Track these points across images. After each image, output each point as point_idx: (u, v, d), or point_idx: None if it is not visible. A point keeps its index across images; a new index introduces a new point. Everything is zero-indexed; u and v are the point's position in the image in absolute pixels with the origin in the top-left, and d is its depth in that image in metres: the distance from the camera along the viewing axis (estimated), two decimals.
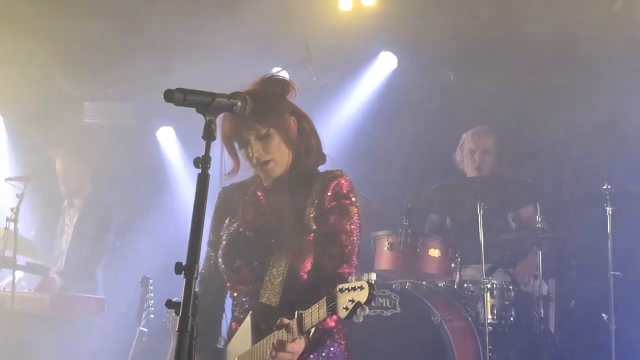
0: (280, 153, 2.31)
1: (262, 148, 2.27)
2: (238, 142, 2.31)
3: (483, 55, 5.20)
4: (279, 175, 2.34)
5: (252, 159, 2.28)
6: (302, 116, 2.39)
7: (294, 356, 2.03)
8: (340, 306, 1.84)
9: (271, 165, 2.30)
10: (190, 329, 1.54)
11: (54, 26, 5.26)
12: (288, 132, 2.31)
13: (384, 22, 5.39)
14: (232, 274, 2.38)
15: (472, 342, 4.04)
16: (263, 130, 2.26)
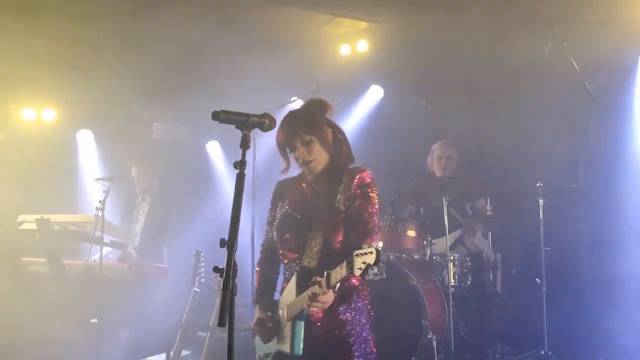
0: (320, 155, 2.33)
1: (307, 151, 2.30)
2: (289, 147, 2.34)
3: (446, 86, 5.20)
4: (318, 171, 2.35)
5: (298, 160, 2.32)
6: (336, 128, 2.41)
7: (324, 305, 2.09)
8: (355, 267, 1.88)
9: (313, 165, 2.32)
10: (231, 288, 1.56)
11: (133, 64, 5.28)
12: (325, 140, 2.34)
13: (374, 64, 5.40)
14: (282, 244, 2.38)
15: (439, 300, 4.05)
16: (307, 138, 2.29)
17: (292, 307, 2.21)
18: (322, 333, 2.23)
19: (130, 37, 4.92)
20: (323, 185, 2.35)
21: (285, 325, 2.24)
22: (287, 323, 2.23)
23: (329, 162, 2.35)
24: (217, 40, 5.10)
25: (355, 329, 2.25)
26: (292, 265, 2.35)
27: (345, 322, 2.24)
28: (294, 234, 2.33)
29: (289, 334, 2.18)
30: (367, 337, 2.27)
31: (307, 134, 2.29)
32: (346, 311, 2.23)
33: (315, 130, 2.31)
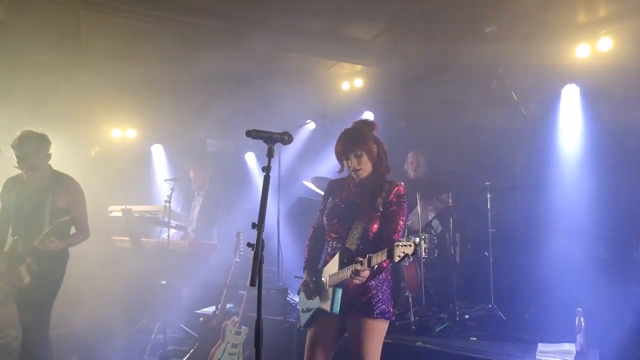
0: (366, 165, 2.30)
1: (357, 162, 2.28)
2: (344, 157, 2.32)
3: (418, 112, 5.20)
4: (364, 177, 2.32)
5: (350, 167, 2.31)
6: (380, 144, 2.35)
7: (363, 279, 2.08)
8: (395, 254, 1.90)
9: (360, 172, 2.30)
10: (259, 258, 1.59)
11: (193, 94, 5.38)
12: (371, 154, 2.30)
13: (366, 95, 5.39)
14: (330, 227, 2.34)
15: (414, 268, 4.00)
16: (358, 152, 2.27)
17: (334, 277, 2.20)
18: (353, 296, 2.21)
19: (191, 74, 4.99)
20: (367, 188, 2.30)
21: (327, 290, 2.22)
22: (329, 288, 2.21)
23: (372, 170, 2.32)
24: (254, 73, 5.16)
25: (378, 295, 2.22)
26: (335, 244, 2.30)
27: (371, 288, 2.22)
28: (340, 220, 2.29)
29: (330, 297, 2.17)
30: (387, 300, 2.25)
31: (358, 149, 2.27)
32: (371, 280, 2.20)
33: (364, 146, 2.28)
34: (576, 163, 4.34)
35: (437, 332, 3.62)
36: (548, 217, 4.32)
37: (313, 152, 5.86)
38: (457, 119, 4.86)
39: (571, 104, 4.45)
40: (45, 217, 2.83)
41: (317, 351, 2.25)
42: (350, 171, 2.31)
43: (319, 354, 2.25)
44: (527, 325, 3.81)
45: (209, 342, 3.58)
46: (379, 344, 2.21)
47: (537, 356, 3.00)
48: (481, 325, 3.79)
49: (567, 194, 4.24)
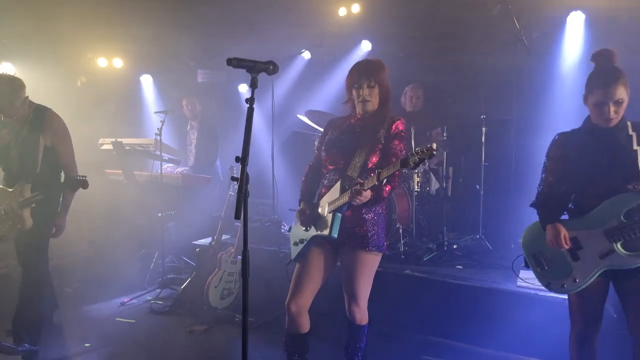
0: (375, 99, 2.28)
1: (368, 92, 2.26)
2: (356, 84, 2.27)
3: (418, 41, 4.97)
4: (368, 111, 2.30)
5: (360, 97, 2.27)
6: (389, 83, 2.32)
7: (364, 199, 2.09)
8: (410, 162, 1.89)
9: (369, 104, 2.28)
10: (244, 192, 1.60)
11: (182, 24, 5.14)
12: (383, 88, 2.28)
13: (364, 23, 5.14)
14: (328, 158, 2.33)
15: (406, 200, 4.06)
16: (372, 83, 2.25)
17: (334, 202, 2.21)
18: (350, 226, 2.24)
19: None
20: (370, 123, 2.29)
21: (326, 217, 2.24)
22: (327, 215, 2.23)
23: (378, 106, 2.31)
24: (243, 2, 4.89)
25: (374, 229, 2.26)
26: (333, 176, 2.30)
27: (367, 221, 2.25)
28: (340, 150, 2.29)
29: (329, 222, 2.19)
30: (381, 233, 2.30)
31: (374, 79, 2.25)
32: (368, 213, 2.24)
33: (379, 78, 2.26)
34: (574, 96, 4.26)
35: (425, 261, 3.77)
36: (541, 152, 4.31)
37: (308, 84, 5.71)
38: (457, 49, 4.66)
39: (575, 33, 4.28)
40: (38, 159, 2.79)
41: (306, 282, 2.27)
42: (358, 101, 2.28)
43: (308, 286, 2.27)
44: (512, 254, 3.91)
45: (206, 271, 3.74)
46: (371, 276, 2.30)
47: (518, 282, 3.16)
48: (468, 255, 3.93)
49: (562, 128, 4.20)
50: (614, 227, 2.01)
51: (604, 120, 2.04)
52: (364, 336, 2.35)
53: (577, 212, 2.15)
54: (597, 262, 2.05)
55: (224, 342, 3.28)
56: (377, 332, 2.98)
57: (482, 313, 3.05)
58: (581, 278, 2.09)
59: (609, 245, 2.02)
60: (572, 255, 2.12)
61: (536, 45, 4.23)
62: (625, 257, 2.00)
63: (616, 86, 1.99)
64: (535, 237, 2.24)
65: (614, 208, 2.02)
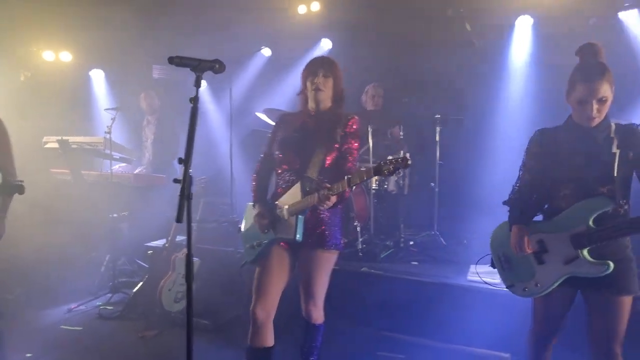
0: (329, 92, 2.25)
1: (323, 83, 2.23)
2: (312, 74, 2.24)
3: (376, 42, 5.02)
4: (322, 109, 2.26)
5: (313, 85, 2.22)
6: (342, 83, 2.30)
7: (330, 205, 2.06)
8: (384, 170, 1.89)
9: (322, 95, 2.24)
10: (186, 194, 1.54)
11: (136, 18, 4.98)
12: (337, 84, 2.26)
13: (324, 21, 5.14)
14: (283, 159, 2.28)
15: (364, 198, 4.08)
16: (328, 74, 2.23)
17: (296, 205, 2.16)
18: (308, 226, 2.21)
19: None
20: (323, 120, 2.26)
21: (288, 219, 2.20)
22: (289, 217, 2.19)
23: (332, 102, 2.28)
24: None
25: (331, 227, 2.25)
26: (288, 176, 2.26)
27: (325, 220, 2.24)
28: (296, 151, 2.24)
29: (293, 225, 2.15)
30: (338, 232, 2.29)
31: (330, 72, 2.23)
32: (325, 212, 2.22)
33: (335, 72, 2.24)
34: (522, 97, 4.46)
35: (382, 258, 3.81)
36: (492, 151, 4.47)
37: (268, 82, 5.65)
38: (413, 50, 4.76)
39: (523, 36, 4.46)
40: None
41: (270, 285, 2.22)
42: (312, 89, 2.24)
43: (272, 288, 2.22)
44: (464, 249, 4.09)
45: (160, 274, 3.62)
46: (329, 274, 2.30)
47: (469, 276, 3.26)
48: (423, 251, 4.02)
49: (512, 128, 4.39)
50: (581, 232, 1.87)
51: (585, 119, 1.90)
52: (320, 335, 2.35)
53: (549, 214, 2.03)
54: (561, 268, 1.93)
55: (176, 347, 3.19)
56: (333, 330, 2.98)
57: (435, 307, 3.12)
58: (543, 283, 1.98)
59: (574, 252, 1.89)
60: (537, 258, 2.01)
61: (487, 48, 4.38)
62: (590, 265, 1.86)
63: (601, 82, 1.84)
64: (504, 237, 2.14)
65: (582, 212, 1.89)
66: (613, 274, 1.83)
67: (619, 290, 1.87)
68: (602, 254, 1.87)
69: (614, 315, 1.88)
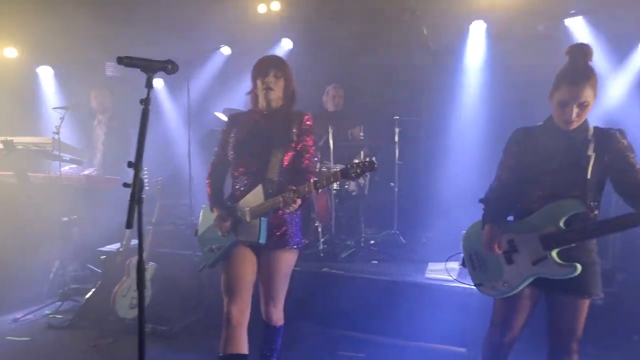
0: (280, 92, 2.22)
1: (274, 82, 2.19)
2: (262, 73, 2.19)
3: (337, 42, 5.06)
4: (274, 107, 2.22)
5: (264, 84, 2.18)
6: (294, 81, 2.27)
7: (295, 207, 2.05)
8: (352, 173, 1.89)
9: (272, 95, 2.20)
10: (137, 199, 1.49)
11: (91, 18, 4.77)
12: (288, 84, 2.23)
13: (284, 21, 5.12)
14: (239, 161, 2.23)
15: (325, 199, 4.09)
16: (279, 74, 2.19)
17: (259, 207, 2.13)
18: (270, 227, 2.19)
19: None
20: (276, 119, 2.23)
21: (250, 222, 2.16)
22: (252, 220, 2.15)
23: (283, 101, 2.25)
24: None
25: (292, 227, 2.23)
26: (245, 178, 2.21)
27: (286, 220, 2.22)
28: (252, 152, 2.20)
29: (256, 228, 2.13)
30: (299, 231, 2.27)
31: (280, 70, 2.20)
32: (285, 213, 2.18)
33: (286, 72, 2.21)
34: (476, 99, 4.62)
35: (343, 257, 3.85)
36: (449, 150, 4.61)
37: (227, 81, 5.56)
38: (373, 51, 4.82)
39: (477, 41, 4.63)
40: None
41: (241, 283, 2.17)
42: (262, 89, 2.20)
43: (244, 287, 2.17)
44: (422, 247, 4.18)
45: (113, 280, 3.48)
46: (289, 275, 2.28)
47: (427, 274, 3.35)
48: (383, 250, 4.09)
49: (465, 130, 4.54)
50: (550, 233, 1.88)
51: (564, 122, 1.88)
52: (280, 337, 2.34)
53: (521, 214, 2.01)
54: (529, 268, 1.93)
55: (131, 355, 3.05)
56: (294, 331, 2.98)
57: (394, 306, 3.19)
58: (511, 282, 1.97)
59: (543, 252, 1.90)
60: (507, 258, 2.00)
61: (443, 51, 4.50)
62: (558, 267, 1.87)
63: (585, 86, 1.81)
64: (476, 236, 2.11)
65: (553, 213, 1.89)
66: (579, 277, 1.85)
67: (583, 293, 1.90)
68: (570, 256, 1.88)
69: (577, 316, 1.92)
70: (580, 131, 1.90)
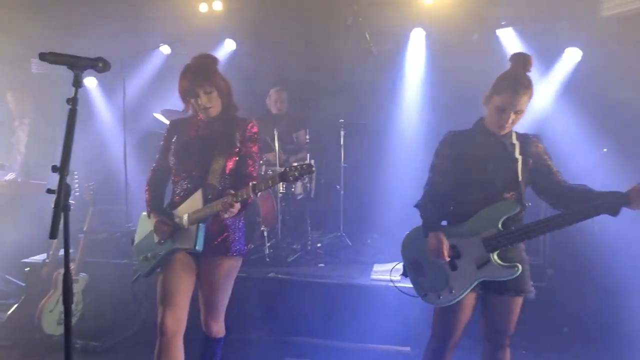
0: (217, 103, 2.15)
1: (207, 100, 2.12)
2: (192, 94, 2.11)
3: (281, 44, 5.03)
4: (215, 115, 2.17)
5: (200, 106, 2.12)
6: (226, 80, 2.18)
7: (234, 212, 1.99)
8: (289, 176, 1.88)
9: (211, 110, 2.15)
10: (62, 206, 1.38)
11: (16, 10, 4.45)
12: (222, 90, 2.15)
13: (227, 21, 5.03)
14: (180, 166, 2.16)
15: (270, 202, 4.05)
16: (208, 89, 2.10)
17: (197, 213, 2.06)
18: (210, 233, 2.11)
19: None
20: (219, 126, 2.17)
21: (188, 228, 2.08)
22: (189, 226, 2.08)
23: (222, 108, 2.18)
24: None
25: (235, 233, 2.17)
26: (186, 184, 2.15)
27: (228, 226, 2.15)
28: (194, 158, 2.14)
29: (192, 234, 2.05)
30: (242, 237, 2.21)
31: (209, 85, 2.09)
32: (228, 218, 2.10)
33: (215, 82, 2.11)
34: (417, 104, 4.78)
35: (290, 262, 3.82)
36: (393, 152, 4.73)
37: (167, 81, 5.33)
38: (318, 54, 4.86)
39: (417, 48, 4.79)
40: None
41: (177, 292, 2.07)
42: (200, 110, 2.14)
43: (180, 295, 2.08)
44: (368, 249, 4.26)
45: (39, 293, 3.22)
46: (231, 283, 2.21)
47: (372, 275, 3.40)
48: (330, 252, 4.11)
49: (407, 132, 4.68)
50: (492, 235, 1.91)
51: (498, 127, 1.95)
52: (220, 349, 2.26)
53: (457, 218, 2.02)
54: (474, 272, 1.94)
55: None
56: (238, 339, 2.90)
57: (340, 308, 3.21)
58: (458, 289, 1.96)
59: (486, 255, 1.92)
60: (451, 264, 1.98)
61: (385, 56, 4.63)
62: (500, 268, 1.90)
63: (524, 95, 1.89)
64: (417, 243, 2.07)
65: (492, 216, 1.92)
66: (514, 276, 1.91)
67: (518, 292, 1.96)
68: (506, 257, 1.93)
69: (512, 314, 2.00)
70: (507, 136, 2.00)
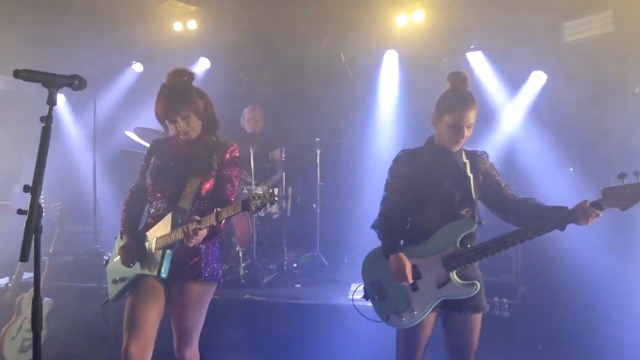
0: (196, 124, 2.11)
1: (186, 124, 2.08)
2: (168, 120, 2.08)
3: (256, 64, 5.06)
4: (195, 137, 2.14)
5: (179, 131, 2.10)
6: (204, 95, 2.13)
7: (199, 239, 1.94)
8: (252, 205, 1.80)
9: (190, 133, 2.12)
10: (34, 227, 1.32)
11: None
12: (199, 112, 2.10)
13: (201, 40, 5.03)
14: (155, 187, 2.12)
15: (245, 222, 4.00)
16: (185, 114, 2.06)
17: (164, 238, 2.00)
18: (180, 260, 2.04)
19: None
20: (198, 146, 2.13)
21: (155, 253, 2.02)
22: (156, 251, 2.01)
23: (202, 128, 2.15)
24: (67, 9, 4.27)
25: (208, 257, 2.10)
26: (160, 205, 2.10)
27: (200, 250, 2.08)
28: (169, 178, 2.10)
29: (158, 260, 1.98)
30: (216, 261, 2.14)
31: (185, 110, 2.05)
32: (202, 243, 2.04)
33: (191, 106, 2.06)
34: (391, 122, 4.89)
35: (266, 283, 3.77)
36: (368, 172, 4.76)
37: (140, 99, 5.25)
38: (294, 74, 4.90)
39: (390, 69, 4.93)
40: None
41: (144, 318, 2.01)
42: (180, 134, 2.12)
43: (148, 321, 2.01)
44: (345, 268, 4.24)
45: (0, 320, 3.05)
46: (205, 309, 2.14)
47: (349, 295, 3.37)
48: (307, 272, 4.08)
49: (382, 151, 4.75)
50: (450, 254, 1.92)
51: (453, 143, 1.98)
52: None
53: (414, 236, 2.02)
54: (435, 292, 1.93)
55: None
56: None
57: (318, 329, 3.17)
58: (419, 310, 1.95)
59: (446, 274, 1.92)
60: (412, 285, 1.96)
61: (360, 77, 4.72)
62: (460, 287, 1.91)
63: (472, 110, 1.96)
64: (378, 265, 2.03)
65: (450, 234, 1.93)
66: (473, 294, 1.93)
67: (475, 309, 1.98)
68: (464, 274, 1.95)
69: (474, 331, 2.01)
70: (459, 154, 2.04)
